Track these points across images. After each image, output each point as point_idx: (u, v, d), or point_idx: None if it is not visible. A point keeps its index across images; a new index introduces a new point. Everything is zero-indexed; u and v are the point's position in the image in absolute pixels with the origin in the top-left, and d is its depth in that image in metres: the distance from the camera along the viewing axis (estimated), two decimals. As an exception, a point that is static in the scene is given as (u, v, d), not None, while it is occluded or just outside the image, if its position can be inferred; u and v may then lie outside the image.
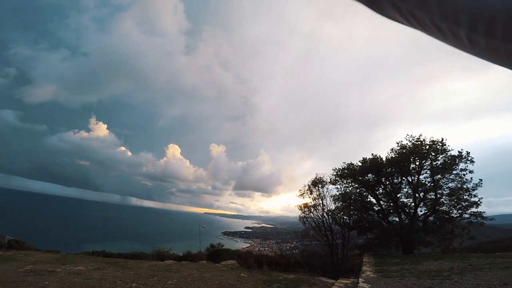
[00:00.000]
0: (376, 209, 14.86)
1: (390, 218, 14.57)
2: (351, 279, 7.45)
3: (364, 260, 9.36)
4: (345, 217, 14.77)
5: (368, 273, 6.83)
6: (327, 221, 14.84)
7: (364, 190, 15.03)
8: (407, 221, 13.67)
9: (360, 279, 6.23)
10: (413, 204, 13.86)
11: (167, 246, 14.27)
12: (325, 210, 15.00)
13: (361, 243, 14.96)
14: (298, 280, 7.51)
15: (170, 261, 10.21)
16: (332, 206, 15.14)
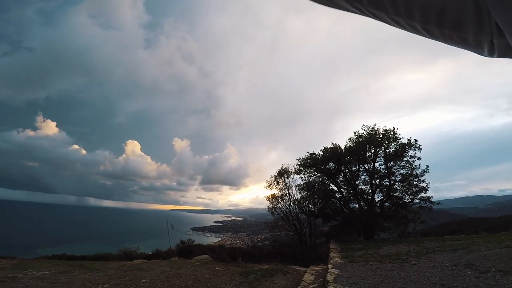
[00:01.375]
0: (338, 196, 15.62)
1: (351, 205, 15.46)
2: (321, 266, 7.87)
3: (330, 247, 9.91)
4: (310, 206, 15.40)
5: (336, 259, 7.28)
6: (294, 210, 15.39)
7: (326, 178, 15.64)
8: (366, 208, 14.65)
9: (329, 265, 6.62)
10: (370, 190, 14.86)
11: (134, 246, 13.72)
12: (291, 199, 15.53)
13: (327, 230, 15.74)
14: (272, 270, 7.74)
15: (140, 260, 9.85)
16: (298, 196, 15.70)
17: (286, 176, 15.90)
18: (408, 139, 14.20)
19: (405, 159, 14.08)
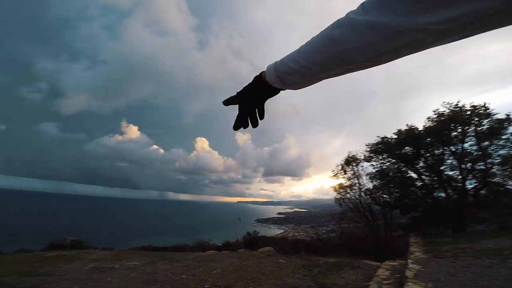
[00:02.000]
0: (419, 184, 13.85)
1: (435, 194, 13.59)
2: (398, 261, 7.18)
3: (410, 240, 8.96)
4: (384, 196, 14.11)
5: (417, 254, 6.52)
6: (366, 201, 14.31)
7: (403, 165, 13.98)
8: (455, 197, 12.71)
9: (408, 260, 5.97)
10: (460, 176, 12.72)
11: (207, 237, 14.86)
12: (362, 189, 14.43)
13: (405, 222, 14.30)
14: (339, 264, 7.40)
15: (212, 251, 10.60)
16: (370, 185, 14.52)
17: (354, 164, 14.80)
18: (506, 114, 11.70)
19: (504, 137, 11.64)
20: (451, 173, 13.17)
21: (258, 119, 0.81)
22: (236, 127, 0.82)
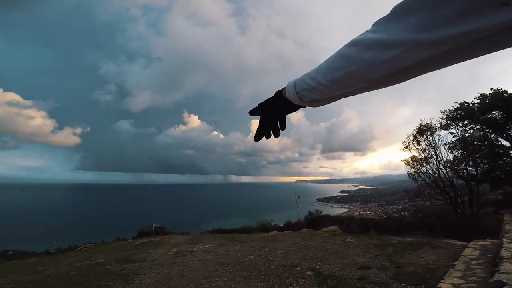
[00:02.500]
0: None
1: None
2: (489, 240, 6.16)
3: (504, 218, 7.59)
4: (469, 168, 12.07)
5: None
6: (446, 175, 12.48)
7: (490, 131, 11.78)
8: None
9: (504, 239, 5.05)
10: None
11: (268, 218, 15.21)
12: (440, 162, 12.57)
13: (495, 199, 12.13)
14: (417, 243, 6.72)
15: (275, 232, 10.82)
16: (450, 156, 12.56)
17: (428, 133, 12.93)
18: None
19: None
20: None
21: (280, 130, 0.83)
22: (257, 138, 0.85)
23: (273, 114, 0.80)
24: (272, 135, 0.84)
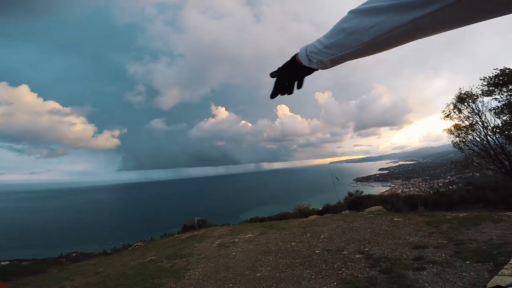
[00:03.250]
0: None
1: None
2: None
3: None
4: None
5: None
6: (496, 141, 11.43)
7: None
8: None
9: None
10: None
11: (305, 203, 14.98)
12: (488, 128, 11.55)
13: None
14: (475, 217, 6.09)
15: (314, 216, 10.59)
16: (498, 122, 11.47)
17: (470, 100, 12.12)
18: None
19: None
20: None
21: (296, 88, 0.92)
22: (272, 96, 0.94)
23: (288, 75, 0.89)
24: (287, 93, 0.93)
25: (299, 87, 0.92)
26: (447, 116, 12.74)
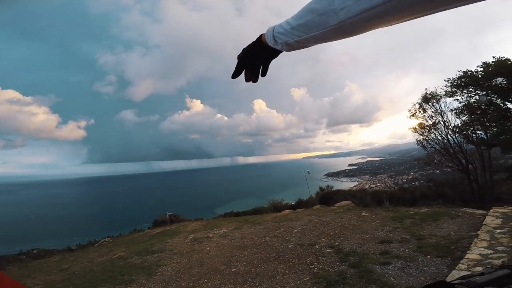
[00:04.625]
0: None
1: None
2: (508, 208, 6.01)
3: (523, 182, 7.41)
4: (478, 132, 11.96)
5: None
6: (455, 140, 12.43)
7: (496, 96, 11.81)
8: None
9: (526, 205, 4.89)
10: None
11: (279, 197, 15.25)
12: (448, 127, 12.50)
13: (507, 164, 12.01)
14: (435, 213, 6.60)
15: (287, 210, 10.83)
16: (458, 122, 12.49)
17: (434, 100, 12.98)
18: None
19: None
20: None
21: (260, 75, 0.90)
22: (234, 75, 0.90)
23: (252, 56, 0.86)
24: (252, 80, 0.90)
25: (264, 74, 0.89)
26: (413, 115, 13.64)
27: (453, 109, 12.68)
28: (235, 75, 0.90)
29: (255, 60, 0.87)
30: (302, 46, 0.74)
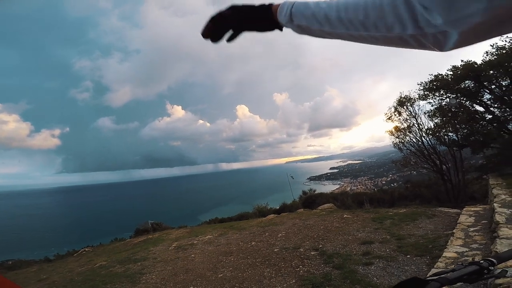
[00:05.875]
0: (488, 118, 12.14)
1: (510, 126, 11.74)
2: (480, 206, 6.39)
3: (491, 182, 7.85)
4: (450, 134, 12.63)
5: (503, 196, 5.64)
6: (429, 142, 13.04)
7: (465, 99, 12.47)
8: None
9: (494, 204, 5.21)
10: None
11: (264, 202, 15.30)
12: (422, 129, 13.06)
13: (478, 163, 12.70)
14: (412, 214, 6.92)
15: (272, 215, 10.90)
16: (431, 124, 13.10)
17: (408, 104, 13.53)
18: None
19: None
20: None
21: (226, 39, 0.75)
22: (206, 33, 0.72)
23: (249, 22, 0.72)
24: (212, 36, 0.73)
25: (231, 39, 0.75)
26: (389, 119, 14.12)
27: (426, 112, 13.25)
28: (217, 37, 0.74)
29: (249, 25, 0.73)
30: (315, 35, 0.65)
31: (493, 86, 11.85)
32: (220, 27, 0.72)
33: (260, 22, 0.72)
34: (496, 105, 12.06)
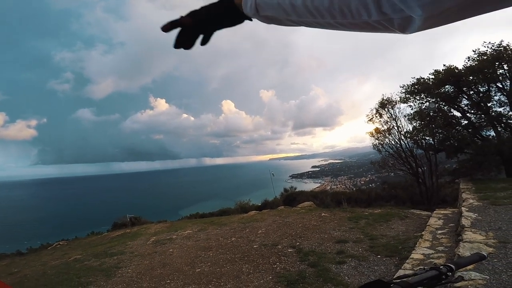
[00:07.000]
0: (464, 123, 12.72)
1: (483, 133, 12.35)
2: (449, 209, 6.78)
3: (461, 186, 8.29)
4: (427, 138, 13.16)
5: (471, 201, 6.00)
6: (407, 145, 13.47)
7: (444, 104, 12.88)
8: (506, 135, 11.44)
9: (462, 208, 5.55)
10: (511, 112, 11.35)
11: (246, 198, 15.40)
12: (401, 132, 13.45)
13: (451, 168, 13.34)
14: (386, 214, 7.23)
15: (253, 211, 11.01)
16: (409, 127, 13.50)
17: (390, 106, 13.85)
18: None
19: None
20: (500, 109, 11.71)
21: (200, 43, 0.72)
22: (178, 44, 0.70)
23: (216, 20, 0.69)
24: (185, 46, 0.71)
25: (205, 42, 0.72)
26: (370, 120, 14.47)
27: (406, 115, 13.63)
28: (189, 45, 0.71)
29: (216, 24, 0.70)
30: (284, 25, 0.63)
31: (471, 92, 12.24)
32: (187, 35, 0.70)
33: (225, 18, 0.69)
34: (472, 111, 12.50)
